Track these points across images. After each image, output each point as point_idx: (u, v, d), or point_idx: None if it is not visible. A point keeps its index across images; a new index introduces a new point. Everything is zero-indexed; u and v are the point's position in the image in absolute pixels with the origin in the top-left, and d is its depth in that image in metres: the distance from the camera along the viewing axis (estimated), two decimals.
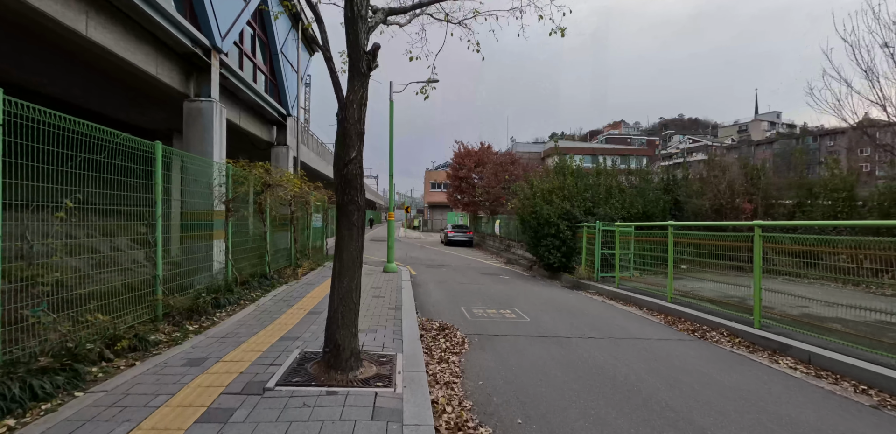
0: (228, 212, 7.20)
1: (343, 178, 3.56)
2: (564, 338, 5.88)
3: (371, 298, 7.44)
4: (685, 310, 7.46)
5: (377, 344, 4.63)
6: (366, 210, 4.22)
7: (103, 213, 4.37)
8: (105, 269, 4.38)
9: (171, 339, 4.52)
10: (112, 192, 4.43)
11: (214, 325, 5.27)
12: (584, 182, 13.66)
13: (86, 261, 4.10)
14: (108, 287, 4.31)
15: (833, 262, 5.53)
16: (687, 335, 6.34)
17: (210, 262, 7.24)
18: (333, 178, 3.69)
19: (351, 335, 3.62)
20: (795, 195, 12.75)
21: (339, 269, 3.62)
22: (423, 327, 5.84)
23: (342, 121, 3.59)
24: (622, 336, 6.10)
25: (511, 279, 12.46)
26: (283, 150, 12.90)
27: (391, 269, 11.37)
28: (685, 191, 15.23)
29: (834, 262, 5.52)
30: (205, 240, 7.07)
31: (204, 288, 6.42)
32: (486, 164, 26.67)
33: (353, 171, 3.55)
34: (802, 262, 5.92)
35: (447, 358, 4.68)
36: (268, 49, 11.59)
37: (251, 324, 5.36)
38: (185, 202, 6.54)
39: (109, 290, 4.30)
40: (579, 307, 8.27)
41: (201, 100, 7.57)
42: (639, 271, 10.83)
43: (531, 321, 6.84)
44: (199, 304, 5.66)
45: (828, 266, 5.57)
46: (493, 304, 8.07)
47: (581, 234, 12.18)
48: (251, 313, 5.96)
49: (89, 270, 4.11)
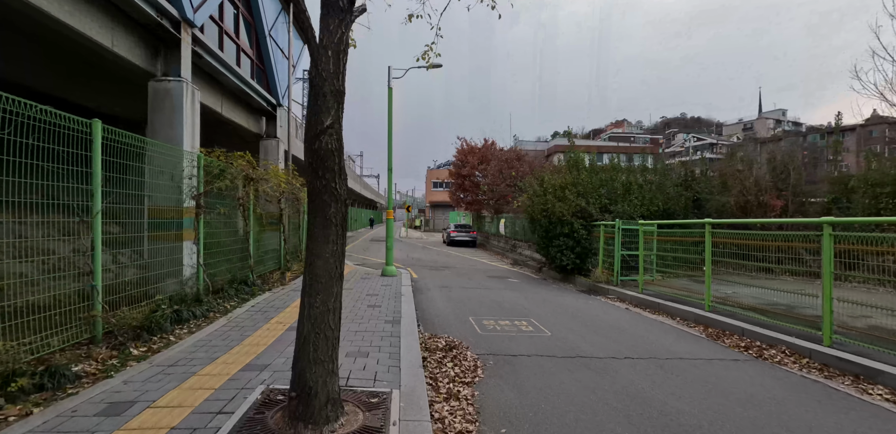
0: (199, 208, 6.20)
1: (315, 154, 2.55)
2: (597, 359, 4.86)
3: (365, 308, 6.43)
4: (728, 320, 6.44)
5: (368, 375, 3.62)
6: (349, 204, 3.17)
7: (13, 206, 3.37)
8: (19, 278, 3.38)
9: (103, 370, 3.52)
10: (29, 180, 3.44)
11: (168, 346, 4.26)
12: (599, 177, 12.63)
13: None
14: (19, 302, 3.31)
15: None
16: (741, 354, 5.31)
17: (179, 267, 6.25)
18: (304, 157, 2.68)
19: (327, 374, 2.61)
20: (830, 191, 11.68)
21: (309, 284, 2.61)
22: (425, 346, 4.83)
23: (314, 77, 2.58)
24: (665, 355, 5.08)
25: (521, 283, 11.43)
26: (273, 143, 11.90)
27: (390, 272, 10.36)
28: (705, 187, 14.21)
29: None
30: (171, 241, 6.08)
31: (166, 298, 5.41)
32: (491, 160, 25.62)
33: (329, 145, 2.53)
34: (882, 266, 4.91)
35: (457, 391, 3.66)
36: (254, 31, 10.58)
37: (215, 344, 4.35)
38: (144, 196, 5.54)
39: (19, 307, 3.30)
40: (604, 317, 7.24)
41: (169, 79, 6.56)
42: (661, 274, 9.85)
43: (552, 336, 5.83)
44: (155, 320, 4.66)
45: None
46: (506, 314, 7.05)
47: (597, 234, 11.16)
48: (219, 329, 4.96)
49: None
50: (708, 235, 7.14)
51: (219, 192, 6.88)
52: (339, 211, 2.60)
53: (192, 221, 6.20)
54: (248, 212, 7.93)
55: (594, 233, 11.38)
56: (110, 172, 4.53)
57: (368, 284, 8.87)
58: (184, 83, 6.59)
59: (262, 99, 10.83)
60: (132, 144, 5.00)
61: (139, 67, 6.42)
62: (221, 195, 7.02)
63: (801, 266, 6.01)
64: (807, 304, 5.87)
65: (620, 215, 11.43)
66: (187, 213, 6.26)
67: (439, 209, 49.80)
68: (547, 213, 11.98)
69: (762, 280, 6.73)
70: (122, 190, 4.88)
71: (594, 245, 11.38)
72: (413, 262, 15.69)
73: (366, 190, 53.45)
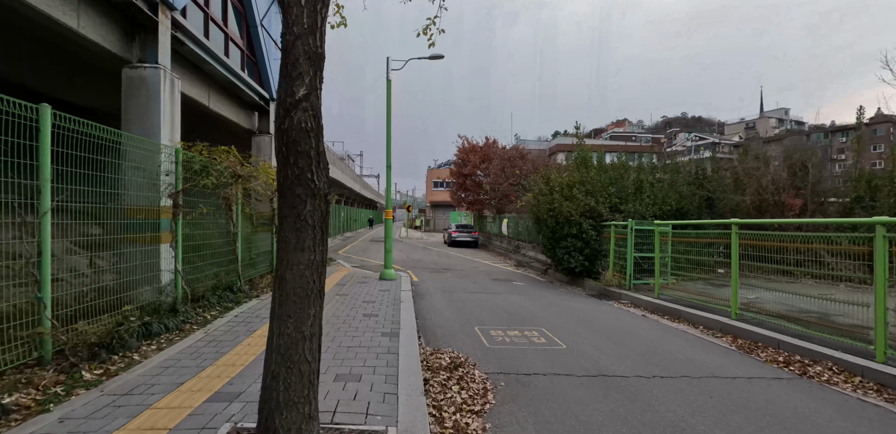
0: (177, 208, 5.62)
1: (285, 135, 1.96)
2: (622, 378, 4.28)
3: (361, 318, 5.85)
4: (759, 330, 5.87)
5: (359, 406, 3.03)
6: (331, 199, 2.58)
7: None
8: None
9: (42, 401, 2.93)
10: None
11: (130, 367, 3.67)
12: (609, 175, 12.03)
13: None
14: None
15: None
16: (781, 370, 4.72)
17: (155, 273, 5.66)
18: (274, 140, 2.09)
19: (302, 419, 2.03)
20: (853, 189, 11.08)
21: (279, 304, 2.02)
22: (427, 365, 4.24)
23: (284, 35, 1.99)
24: (699, 373, 4.49)
25: (527, 286, 10.84)
26: (266, 140, 11.30)
27: (389, 275, 9.77)
28: (717, 186, 13.62)
29: None
30: (146, 244, 5.49)
31: (137, 308, 4.83)
32: (493, 159, 24.99)
33: (303, 124, 1.95)
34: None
35: (465, 424, 3.07)
36: (244, 20, 9.98)
37: (184, 365, 3.76)
38: (114, 194, 4.96)
39: None
40: (620, 325, 6.65)
41: (145, 66, 5.97)
42: (675, 278, 9.27)
43: (568, 349, 5.24)
44: (119, 335, 4.07)
45: None
46: (515, 323, 6.46)
47: (608, 235, 10.57)
48: (193, 345, 4.37)
49: None
50: (734, 237, 6.55)
51: (202, 191, 6.30)
52: (317, 208, 2.01)
53: (169, 222, 5.61)
54: (236, 211, 7.35)
55: (604, 233, 10.79)
56: (66, 166, 3.96)
57: (366, 289, 8.28)
58: (161, 70, 6.01)
59: (253, 92, 10.24)
60: (95, 135, 4.42)
61: (111, 53, 5.83)
62: (205, 193, 6.43)
63: (852, 271, 5.41)
64: (841, 312, 5.30)
65: (631, 215, 10.85)
66: (164, 214, 5.68)
67: (440, 209, 49.20)
68: (554, 213, 11.39)
69: (783, 284, 6.18)
70: (85, 187, 4.31)
71: (604, 246, 10.80)
72: (413, 263, 15.10)
73: (365, 190, 52.89)
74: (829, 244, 5.28)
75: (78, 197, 4.26)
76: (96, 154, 4.54)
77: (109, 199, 4.97)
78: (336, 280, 9.38)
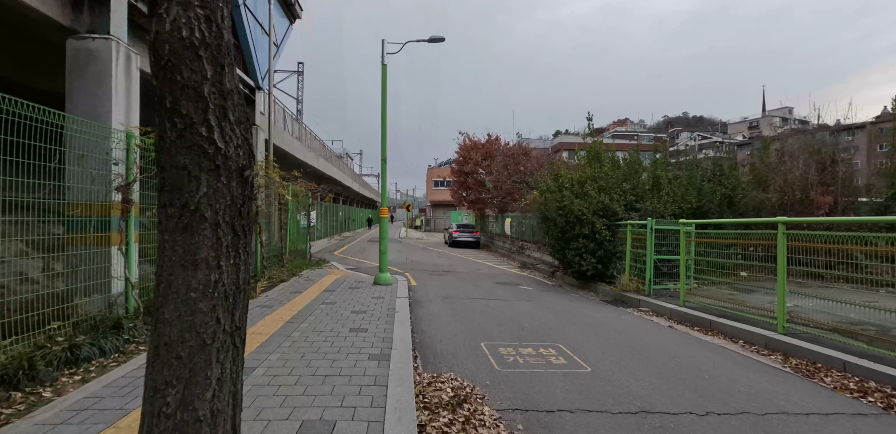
0: (128, 204, 4.73)
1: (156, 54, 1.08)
2: (669, 416, 3.39)
3: (346, 334, 4.96)
4: (815, 348, 5.00)
5: None
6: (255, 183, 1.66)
7: None
8: None
9: None
10: None
11: (30, 410, 2.79)
12: (623, 171, 11.15)
13: None
14: None
15: None
16: (859, 402, 3.84)
17: (104, 280, 4.79)
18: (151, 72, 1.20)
19: None
20: (890, 185, 10.18)
21: (152, 362, 1.13)
22: (424, 402, 3.34)
23: None
24: (761, 408, 3.60)
25: (535, 291, 9.95)
26: (252, 131, 10.42)
27: (384, 280, 8.88)
28: (735, 182, 12.70)
29: None
30: (90, 246, 4.62)
31: (68, 325, 3.95)
32: (495, 156, 24.08)
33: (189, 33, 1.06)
34: None
35: None
36: None
37: (102, 407, 2.88)
38: (56, 187, 4.09)
39: None
40: (647, 340, 5.77)
41: (94, 37, 5.07)
42: (697, 282, 8.42)
43: (594, 373, 4.35)
44: (32, 364, 3.19)
45: None
46: (527, 337, 5.58)
47: (623, 235, 9.68)
48: (129, 374, 3.48)
49: None
50: (781, 238, 5.65)
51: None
52: (221, 193, 1.12)
53: (118, 220, 4.73)
54: None
55: (619, 234, 9.91)
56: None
57: (357, 297, 7.39)
58: (113, 42, 5.12)
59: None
60: (30, 116, 3.57)
61: (53, 20, 4.95)
62: None
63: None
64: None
65: (649, 213, 9.97)
66: (113, 210, 4.80)
67: (440, 208, 48.31)
68: (563, 211, 10.49)
69: (832, 291, 5.33)
70: (18, 178, 3.47)
71: (619, 248, 9.91)
72: (412, 265, 14.21)
73: (364, 189, 52.09)
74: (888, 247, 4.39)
75: (9, 189, 3.42)
76: (33, 140, 3.69)
77: (50, 194, 4.11)
78: (325, 285, 8.50)
